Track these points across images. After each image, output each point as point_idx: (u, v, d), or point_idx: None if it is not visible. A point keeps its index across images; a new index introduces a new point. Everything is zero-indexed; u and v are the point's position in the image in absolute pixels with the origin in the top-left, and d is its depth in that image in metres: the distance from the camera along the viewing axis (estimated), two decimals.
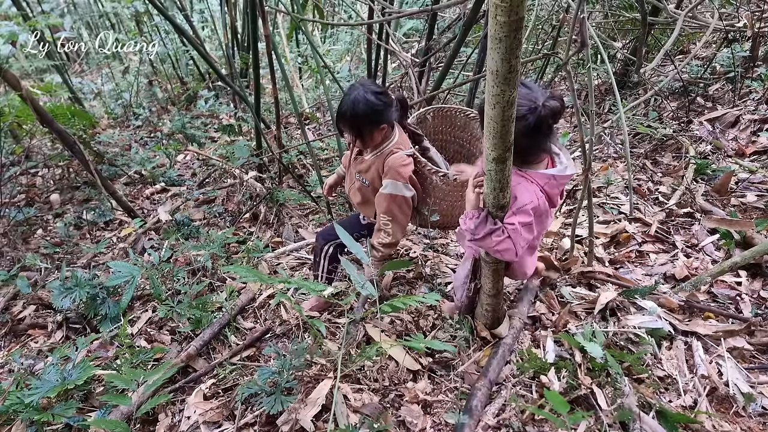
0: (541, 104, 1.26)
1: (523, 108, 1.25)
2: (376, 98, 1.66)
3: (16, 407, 1.54)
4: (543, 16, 3.91)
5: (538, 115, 1.26)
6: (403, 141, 1.80)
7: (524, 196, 1.36)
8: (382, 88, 1.74)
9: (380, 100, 1.67)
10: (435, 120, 2.10)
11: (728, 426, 1.40)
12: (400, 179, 1.73)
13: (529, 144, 1.31)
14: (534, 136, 1.30)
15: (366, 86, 1.69)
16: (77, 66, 6.96)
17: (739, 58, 3.37)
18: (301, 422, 1.51)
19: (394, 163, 1.72)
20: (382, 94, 1.68)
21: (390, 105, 1.72)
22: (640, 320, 1.77)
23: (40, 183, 3.94)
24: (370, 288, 1.33)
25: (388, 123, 1.73)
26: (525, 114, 1.26)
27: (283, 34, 4.66)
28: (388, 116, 1.72)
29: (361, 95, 1.66)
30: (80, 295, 2.17)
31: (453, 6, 2.39)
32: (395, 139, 1.77)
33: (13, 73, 2.30)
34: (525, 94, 1.27)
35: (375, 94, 1.66)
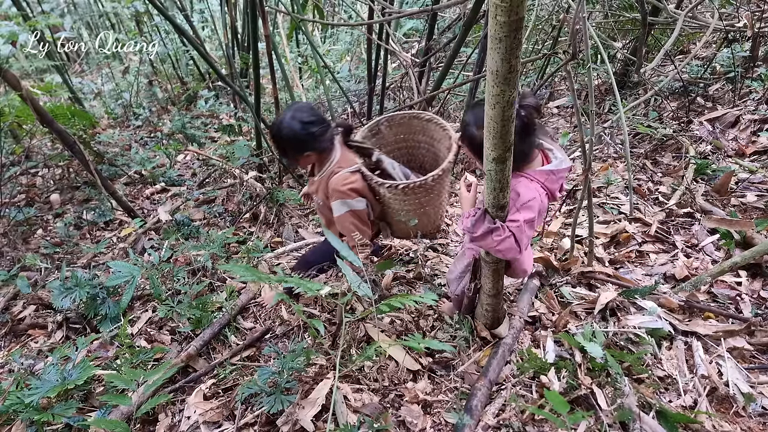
0: (518, 106, 1.27)
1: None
2: (301, 128, 1.65)
3: (16, 407, 1.54)
4: (543, 16, 3.91)
5: (520, 116, 1.27)
6: (346, 159, 1.79)
7: (527, 193, 1.36)
8: (313, 116, 1.71)
9: (305, 130, 1.66)
10: (391, 129, 2.07)
11: (728, 426, 1.40)
12: (346, 197, 1.74)
13: (521, 147, 1.32)
14: (524, 137, 1.31)
15: (296, 113, 1.68)
16: (77, 66, 6.96)
17: (739, 58, 3.37)
18: (301, 422, 1.51)
19: (336, 184, 1.73)
20: (309, 124, 1.67)
21: (318, 134, 1.70)
22: (640, 320, 1.78)
23: (40, 183, 3.94)
24: (366, 289, 1.33)
25: (314, 150, 1.73)
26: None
27: (283, 34, 4.66)
28: (314, 145, 1.72)
29: (287, 122, 1.67)
30: (80, 295, 2.17)
31: (453, 6, 2.39)
32: (335, 160, 1.77)
33: (13, 73, 2.30)
34: None
35: (302, 123, 1.65)
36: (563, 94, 4.25)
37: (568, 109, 3.99)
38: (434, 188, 1.77)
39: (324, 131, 1.72)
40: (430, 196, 1.80)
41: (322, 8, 4.07)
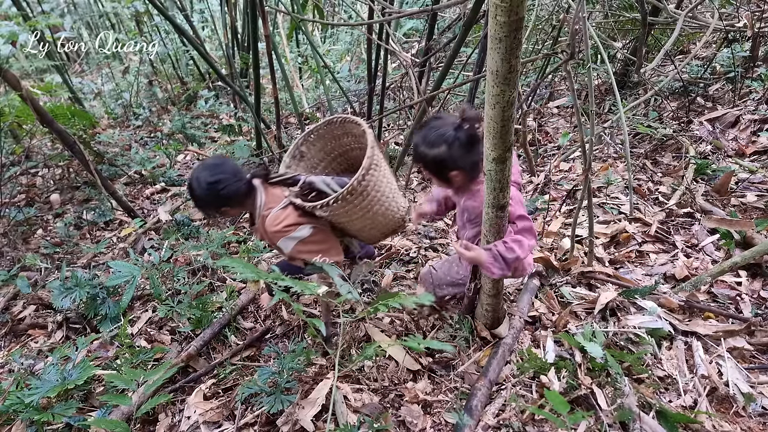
0: (459, 120, 1.35)
1: (448, 132, 1.36)
2: (206, 188, 1.60)
3: (16, 407, 1.54)
4: (543, 16, 3.91)
5: (464, 130, 1.35)
6: (273, 198, 1.72)
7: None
8: (217, 174, 1.62)
9: (210, 190, 1.61)
10: (315, 145, 2.00)
11: (728, 426, 1.40)
12: (284, 234, 1.66)
13: (473, 158, 1.40)
14: (471, 148, 1.38)
15: (201, 173, 1.62)
16: (77, 66, 6.96)
17: (739, 58, 3.37)
18: (301, 422, 1.51)
19: (270, 226, 1.67)
20: (214, 184, 1.60)
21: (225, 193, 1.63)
22: (640, 320, 1.78)
23: (40, 183, 3.94)
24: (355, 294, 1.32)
25: (228, 206, 1.69)
26: (454, 135, 1.36)
27: (283, 34, 4.66)
28: (224, 202, 1.66)
29: (194, 183, 1.62)
30: (80, 295, 2.17)
31: (453, 6, 2.39)
32: (262, 204, 1.71)
33: (13, 73, 2.30)
34: (440, 123, 1.39)
35: (207, 184, 1.60)
36: (563, 94, 4.25)
37: (568, 109, 3.99)
38: (367, 189, 1.64)
39: (232, 187, 1.63)
40: (369, 197, 1.66)
41: (322, 8, 4.07)
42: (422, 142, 1.42)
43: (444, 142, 1.36)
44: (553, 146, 3.53)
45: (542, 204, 2.73)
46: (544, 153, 3.49)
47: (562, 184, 2.95)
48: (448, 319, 1.91)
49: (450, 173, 1.44)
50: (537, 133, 3.64)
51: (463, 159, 1.39)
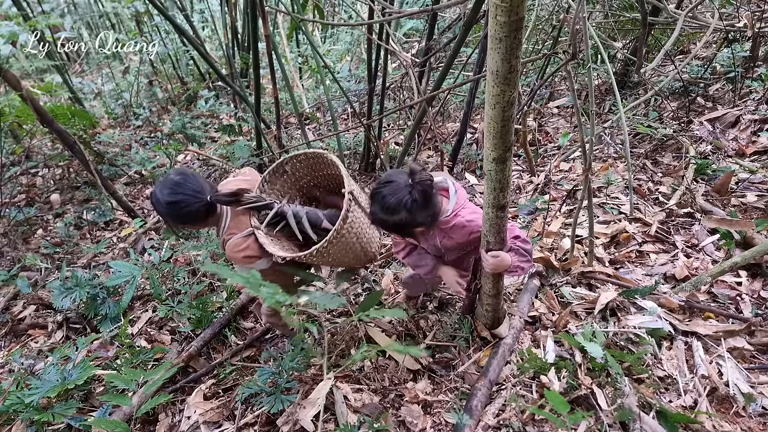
0: (411, 182, 1.34)
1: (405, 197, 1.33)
2: (165, 207, 1.54)
3: (17, 407, 1.54)
4: (543, 16, 3.91)
5: (418, 190, 1.34)
6: (237, 224, 1.65)
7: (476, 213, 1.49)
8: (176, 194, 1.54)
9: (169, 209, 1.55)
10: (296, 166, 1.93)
11: (728, 426, 1.40)
12: (243, 263, 1.63)
13: (430, 212, 1.40)
14: (427, 205, 1.38)
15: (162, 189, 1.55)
16: (77, 66, 6.96)
17: (739, 58, 3.37)
18: (301, 422, 1.51)
19: (230, 252, 1.63)
20: (172, 204, 1.54)
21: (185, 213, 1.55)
22: (640, 320, 1.77)
23: (40, 183, 3.94)
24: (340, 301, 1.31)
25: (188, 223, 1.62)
26: (410, 199, 1.34)
27: (283, 34, 4.66)
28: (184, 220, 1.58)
29: (155, 199, 1.56)
30: (80, 295, 2.17)
31: (453, 6, 2.39)
32: (225, 227, 1.64)
33: (13, 73, 2.30)
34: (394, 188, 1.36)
35: (166, 204, 1.54)
36: (563, 94, 4.25)
37: (568, 109, 3.99)
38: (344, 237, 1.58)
39: (191, 208, 1.55)
40: (345, 242, 1.60)
41: (322, 8, 4.07)
42: (381, 210, 1.39)
43: (404, 207, 1.35)
44: (553, 146, 3.52)
45: (542, 204, 2.73)
46: (544, 153, 3.49)
47: (562, 184, 2.95)
48: (448, 319, 1.91)
49: (413, 230, 1.46)
50: (537, 133, 3.64)
51: (424, 216, 1.40)
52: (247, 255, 1.61)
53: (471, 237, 1.52)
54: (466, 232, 1.50)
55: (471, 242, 1.57)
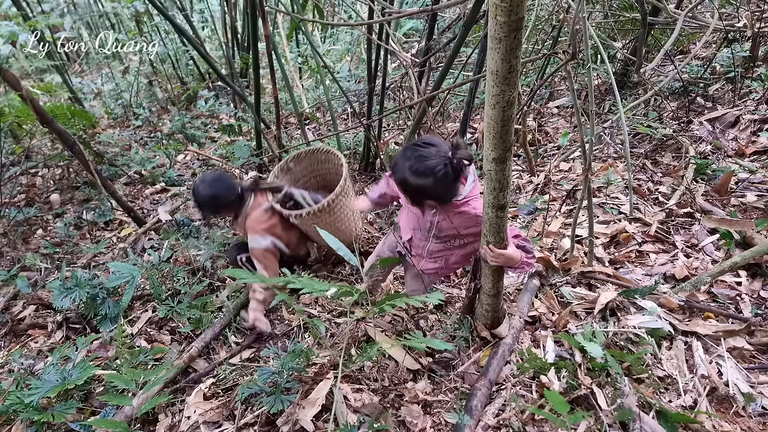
0: (451, 155, 1.33)
1: (439, 166, 1.31)
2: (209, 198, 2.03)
3: (16, 407, 1.54)
4: (543, 16, 3.91)
5: (455, 167, 1.33)
6: (259, 202, 2.15)
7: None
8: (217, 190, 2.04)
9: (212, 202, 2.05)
10: (299, 164, 2.47)
11: (728, 426, 1.40)
12: (255, 233, 2.07)
13: (453, 191, 1.43)
14: (455, 183, 1.39)
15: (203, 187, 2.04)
16: (77, 66, 6.96)
17: (739, 58, 3.37)
18: (301, 422, 1.51)
19: (249, 222, 2.10)
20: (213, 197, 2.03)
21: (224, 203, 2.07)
22: (640, 320, 1.77)
23: (40, 183, 3.94)
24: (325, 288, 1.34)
25: (223, 212, 2.16)
26: (444, 171, 1.32)
27: (283, 34, 4.66)
28: (223, 210, 2.12)
29: (199, 192, 2.05)
30: (80, 295, 2.17)
31: (453, 6, 2.38)
32: (249, 206, 2.12)
33: (13, 73, 2.30)
34: (432, 152, 1.34)
35: (209, 197, 2.03)
36: (563, 94, 4.25)
37: (568, 109, 3.99)
38: (335, 209, 2.09)
39: (227, 200, 2.07)
40: (335, 216, 2.12)
41: (322, 8, 4.07)
42: (409, 169, 1.36)
43: (432, 174, 1.32)
44: (553, 146, 3.53)
45: (542, 204, 2.73)
46: (544, 153, 3.49)
47: (562, 184, 2.95)
48: (448, 319, 1.91)
49: (426, 200, 1.46)
50: (537, 133, 3.64)
51: (443, 192, 1.40)
52: (264, 227, 2.08)
53: (468, 229, 1.52)
54: (468, 221, 1.49)
55: (463, 236, 1.57)
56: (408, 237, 1.72)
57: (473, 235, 1.55)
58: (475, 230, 1.51)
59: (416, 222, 1.64)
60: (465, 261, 1.70)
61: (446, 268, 1.72)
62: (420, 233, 1.66)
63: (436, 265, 1.71)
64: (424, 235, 1.64)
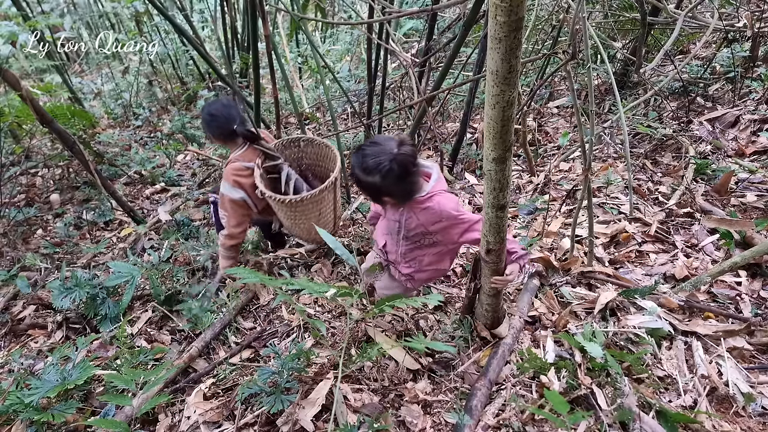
0: (396, 152, 1.38)
1: (384, 162, 1.37)
2: (207, 117, 2.09)
3: (16, 407, 1.54)
4: (543, 16, 3.91)
5: (399, 162, 1.37)
6: (247, 156, 2.14)
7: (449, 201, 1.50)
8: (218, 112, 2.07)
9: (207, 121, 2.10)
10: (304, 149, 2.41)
11: (728, 426, 1.40)
12: (228, 182, 2.11)
13: (407, 186, 1.46)
14: (403, 179, 1.42)
15: (212, 105, 2.11)
16: (77, 66, 6.96)
17: (739, 58, 3.37)
18: (301, 422, 1.51)
19: (227, 169, 2.13)
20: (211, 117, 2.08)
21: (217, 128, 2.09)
22: (640, 320, 1.77)
23: (40, 183, 3.94)
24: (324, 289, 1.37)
25: (215, 137, 2.15)
26: (388, 167, 1.37)
27: (283, 34, 4.66)
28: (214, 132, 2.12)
29: (203, 109, 2.14)
30: (80, 295, 2.17)
31: (453, 6, 2.39)
32: (238, 153, 2.14)
33: (13, 73, 2.30)
34: (378, 150, 1.40)
35: (209, 115, 2.08)
36: (563, 94, 4.25)
37: (568, 109, 3.99)
38: (309, 206, 2.07)
39: (220, 128, 2.09)
40: (306, 211, 2.10)
41: (323, 8, 4.07)
42: (358, 167, 1.44)
43: (378, 172, 1.38)
44: (553, 146, 3.53)
45: (542, 204, 2.73)
46: (544, 153, 3.49)
47: (562, 184, 2.95)
48: (447, 318, 1.91)
49: (383, 197, 1.51)
50: (537, 133, 3.64)
51: (396, 188, 1.44)
52: (237, 179, 2.10)
53: (435, 225, 1.54)
54: (433, 216, 1.51)
55: (432, 233, 1.58)
56: (383, 243, 1.74)
57: (441, 231, 1.57)
58: (442, 226, 1.53)
59: (387, 226, 1.67)
60: (439, 262, 1.70)
61: (421, 270, 1.72)
62: (391, 237, 1.68)
63: (411, 269, 1.71)
64: (394, 238, 1.66)
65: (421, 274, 1.74)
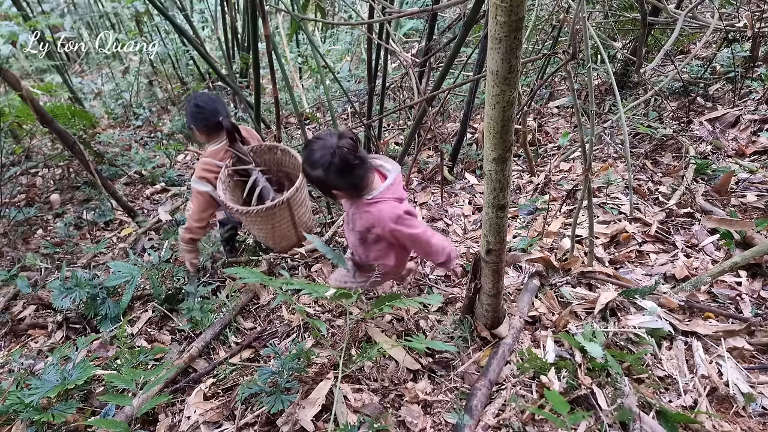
0: (336, 145, 1.41)
1: (325, 157, 1.41)
2: (189, 108, 2.10)
3: (16, 407, 1.54)
4: (543, 16, 3.91)
5: (339, 155, 1.40)
6: (218, 153, 2.18)
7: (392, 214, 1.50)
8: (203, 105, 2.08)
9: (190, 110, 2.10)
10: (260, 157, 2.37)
11: (728, 426, 1.40)
12: (198, 174, 2.15)
13: (351, 180, 1.47)
14: (345, 173, 1.44)
15: (198, 97, 2.12)
16: (77, 66, 6.96)
17: (739, 58, 3.37)
18: (301, 422, 1.51)
19: (200, 162, 2.18)
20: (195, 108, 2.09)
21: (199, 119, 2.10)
22: (640, 320, 1.77)
23: (40, 183, 3.94)
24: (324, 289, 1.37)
25: (197, 128, 2.16)
26: (329, 160, 1.41)
27: (283, 34, 4.67)
28: (196, 124, 2.13)
29: (189, 100, 2.14)
30: (80, 295, 2.17)
31: (453, 6, 2.39)
32: (211, 150, 2.19)
33: (13, 73, 2.30)
34: (320, 145, 1.43)
35: (193, 106, 2.09)
36: (563, 94, 4.25)
37: (568, 109, 3.99)
38: (258, 219, 2.09)
39: (203, 120, 2.10)
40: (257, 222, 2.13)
41: (323, 8, 4.07)
42: (305, 161, 1.49)
43: (320, 166, 1.43)
44: (553, 146, 3.53)
45: (542, 204, 2.73)
46: (544, 153, 3.49)
47: (562, 184, 2.95)
48: (447, 318, 1.91)
49: (332, 191, 1.53)
50: (537, 133, 3.64)
51: (340, 182, 1.46)
52: (205, 175, 2.14)
53: (372, 230, 1.55)
54: (371, 222, 1.52)
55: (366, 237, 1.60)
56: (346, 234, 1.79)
57: (377, 240, 1.60)
58: (377, 232, 1.55)
59: (345, 217, 1.73)
60: (385, 257, 1.70)
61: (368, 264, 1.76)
62: (347, 229, 1.72)
63: (357, 258, 1.77)
64: (348, 227, 1.70)
65: (369, 270, 1.78)
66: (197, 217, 2.18)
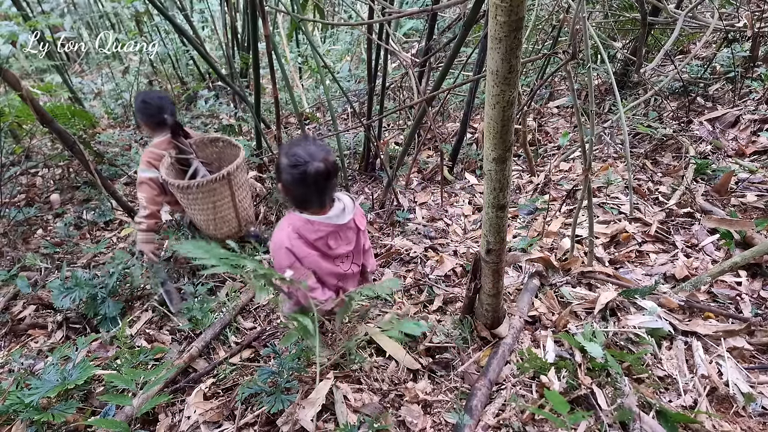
0: (309, 161, 1.36)
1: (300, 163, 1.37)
2: (137, 104, 2.28)
3: (16, 407, 1.54)
4: (543, 16, 3.91)
5: (304, 170, 1.36)
6: (165, 146, 2.28)
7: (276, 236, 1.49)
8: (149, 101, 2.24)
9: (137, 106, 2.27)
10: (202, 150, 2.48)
11: (728, 426, 1.40)
12: (143, 162, 2.24)
13: (299, 191, 1.44)
14: (303, 186, 1.40)
15: (147, 94, 2.31)
16: (77, 66, 6.96)
17: (739, 58, 3.37)
18: (301, 422, 1.51)
19: (144, 152, 2.28)
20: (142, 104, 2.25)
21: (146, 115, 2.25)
22: (640, 320, 1.77)
23: (40, 183, 3.94)
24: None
25: (144, 123, 2.31)
26: (295, 165, 1.38)
27: (283, 34, 4.67)
28: (143, 120, 2.29)
29: (137, 96, 2.33)
30: (80, 295, 2.17)
31: (453, 6, 2.39)
32: (155, 141, 2.30)
33: (13, 73, 2.29)
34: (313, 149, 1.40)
35: (140, 102, 2.26)
36: (563, 94, 4.25)
37: (568, 109, 3.99)
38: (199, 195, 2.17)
39: (148, 117, 2.25)
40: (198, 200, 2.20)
41: (322, 8, 4.07)
42: (291, 143, 1.46)
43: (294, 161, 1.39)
44: (553, 146, 3.53)
45: (542, 204, 2.73)
46: (544, 153, 3.49)
47: (562, 184, 2.95)
48: (447, 318, 1.91)
49: (284, 188, 1.48)
50: (537, 133, 3.64)
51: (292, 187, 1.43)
52: (150, 161, 2.24)
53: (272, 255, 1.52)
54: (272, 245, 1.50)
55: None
56: None
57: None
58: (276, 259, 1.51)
59: None
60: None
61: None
62: None
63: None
64: None
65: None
66: (151, 203, 2.25)
